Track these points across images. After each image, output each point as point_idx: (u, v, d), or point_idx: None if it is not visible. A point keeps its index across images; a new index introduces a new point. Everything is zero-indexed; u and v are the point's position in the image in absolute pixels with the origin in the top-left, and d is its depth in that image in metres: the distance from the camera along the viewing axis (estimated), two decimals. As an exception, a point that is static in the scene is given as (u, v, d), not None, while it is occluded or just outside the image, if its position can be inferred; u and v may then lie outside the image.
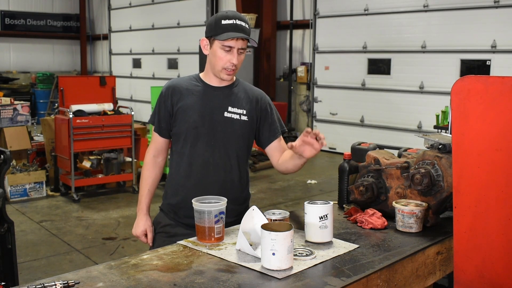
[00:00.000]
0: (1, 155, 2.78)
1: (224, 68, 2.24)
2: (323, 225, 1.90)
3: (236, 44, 2.20)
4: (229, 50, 2.20)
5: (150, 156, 2.42)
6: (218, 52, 2.22)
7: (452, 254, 1.83)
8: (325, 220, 1.90)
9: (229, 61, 2.21)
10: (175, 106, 2.31)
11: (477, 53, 8.10)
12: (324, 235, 1.92)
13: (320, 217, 1.90)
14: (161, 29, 13.99)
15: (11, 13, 15.72)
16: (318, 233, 1.91)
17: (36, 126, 9.13)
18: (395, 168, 2.19)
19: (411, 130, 8.89)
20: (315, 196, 6.98)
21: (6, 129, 6.79)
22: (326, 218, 1.90)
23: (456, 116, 1.61)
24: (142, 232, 2.42)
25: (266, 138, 2.39)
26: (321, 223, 1.90)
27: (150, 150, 2.43)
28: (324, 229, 1.91)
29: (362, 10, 9.63)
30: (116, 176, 7.04)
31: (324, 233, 1.91)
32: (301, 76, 10.78)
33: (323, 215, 1.90)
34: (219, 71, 2.26)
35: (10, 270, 2.79)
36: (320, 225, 1.90)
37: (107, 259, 4.54)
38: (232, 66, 2.23)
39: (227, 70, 2.24)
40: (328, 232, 1.92)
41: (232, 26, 2.19)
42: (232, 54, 2.21)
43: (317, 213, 1.90)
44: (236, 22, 2.19)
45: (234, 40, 2.19)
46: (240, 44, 2.21)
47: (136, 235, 2.45)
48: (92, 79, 7.56)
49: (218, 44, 2.21)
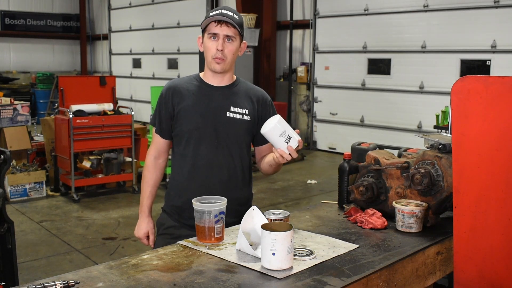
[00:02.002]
0: (1, 155, 2.78)
1: (213, 57, 2.23)
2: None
3: (220, 30, 2.19)
4: (214, 37, 2.21)
5: (151, 158, 2.41)
6: (206, 42, 2.24)
7: (452, 254, 1.83)
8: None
9: (215, 48, 2.21)
10: (176, 108, 2.30)
11: (477, 53, 8.10)
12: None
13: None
14: (161, 29, 13.99)
15: (11, 13, 15.72)
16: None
17: (36, 126, 9.13)
18: (395, 168, 2.19)
19: (411, 130, 8.89)
20: (315, 196, 6.98)
21: (6, 129, 6.79)
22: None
23: (456, 116, 1.61)
24: (144, 234, 2.42)
25: (261, 137, 2.38)
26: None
27: (151, 152, 2.42)
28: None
29: (362, 10, 9.62)
30: (116, 176, 7.04)
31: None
32: (301, 76, 10.77)
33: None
34: (210, 63, 2.26)
35: (10, 270, 2.79)
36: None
37: (107, 259, 4.54)
38: (218, 53, 2.21)
39: (216, 59, 2.23)
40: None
41: (216, 14, 2.21)
42: (217, 41, 2.21)
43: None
44: (222, 11, 2.21)
45: (218, 27, 2.19)
46: (226, 30, 2.20)
47: (138, 237, 2.46)
48: (92, 79, 7.56)
49: (205, 35, 2.24)
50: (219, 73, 2.29)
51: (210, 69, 2.29)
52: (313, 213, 2.37)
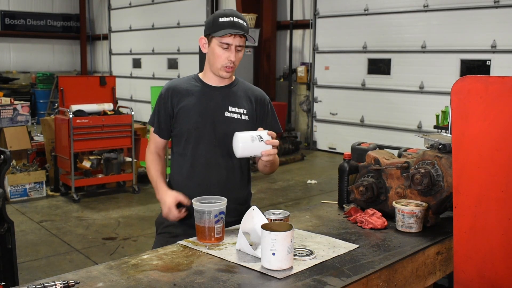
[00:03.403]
0: (1, 155, 2.78)
1: (223, 66, 2.25)
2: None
3: (233, 41, 2.21)
4: (227, 47, 2.22)
5: (152, 151, 2.42)
6: (216, 50, 2.24)
7: (452, 254, 1.83)
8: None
9: (227, 58, 2.23)
10: (176, 108, 2.32)
11: (477, 53, 8.10)
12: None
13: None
14: (161, 29, 13.99)
15: (11, 13, 15.71)
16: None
17: (36, 126, 9.13)
18: (395, 168, 2.19)
19: (411, 130, 8.89)
20: (315, 196, 6.98)
21: (6, 129, 6.79)
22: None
23: (456, 116, 1.61)
24: (173, 202, 2.22)
25: None
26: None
27: (151, 148, 2.43)
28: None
29: (362, 10, 9.62)
30: (116, 176, 7.04)
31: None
32: (301, 76, 10.77)
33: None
34: (218, 69, 2.27)
35: (10, 270, 2.79)
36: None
37: (107, 259, 4.54)
38: (230, 63, 2.24)
39: (226, 68, 2.25)
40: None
41: (229, 23, 2.21)
42: (230, 51, 2.22)
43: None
44: (234, 19, 2.21)
45: (231, 37, 2.21)
46: (238, 41, 2.22)
47: (168, 209, 2.22)
48: (92, 79, 7.55)
49: (216, 41, 2.23)
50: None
51: (216, 74, 2.31)
52: (313, 213, 2.37)
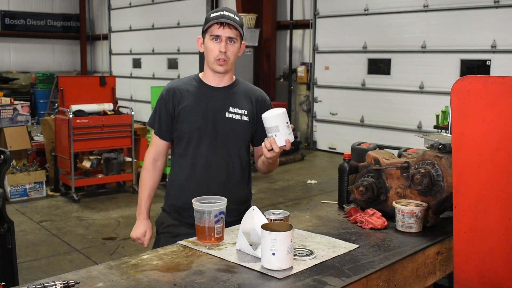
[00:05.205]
0: (1, 155, 2.78)
1: (215, 58, 2.25)
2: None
3: (223, 32, 2.22)
4: (217, 39, 2.23)
5: (149, 160, 2.41)
6: (208, 44, 2.26)
7: (452, 254, 1.83)
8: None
9: (218, 50, 2.23)
10: (177, 109, 2.31)
11: (477, 53, 8.10)
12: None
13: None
14: (161, 29, 13.99)
15: (11, 13, 15.71)
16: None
17: (36, 126, 9.13)
18: (395, 168, 2.19)
19: (411, 130, 8.89)
20: (315, 196, 6.98)
21: (6, 129, 6.79)
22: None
23: (456, 116, 1.61)
24: (142, 234, 2.42)
25: (259, 137, 2.39)
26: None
27: (150, 153, 2.42)
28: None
29: (362, 10, 9.62)
30: (116, 176, 7.04)
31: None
32: (301, 76, 10.77)
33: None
34: (212, 63, 2.28)
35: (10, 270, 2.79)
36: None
37: (107, 259, 4.54)
38: (222, 55, 2.23)
39: (218, 61, 2.25)
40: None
41: (218, 16, 2.23)
42: (220, 42, 2.23)
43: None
44: (223, 13, 2.24)
45: (220, 28, 2.21)
46: (228, 32, 2.22)
47: (136, 237, 2.45)
48: (92, 79, 7.56)
49: (207, 36, 2.25)
50: (220, 74, 2.31)
51: (212, 70, 2.31)
52: (313, 213, 2.37)
